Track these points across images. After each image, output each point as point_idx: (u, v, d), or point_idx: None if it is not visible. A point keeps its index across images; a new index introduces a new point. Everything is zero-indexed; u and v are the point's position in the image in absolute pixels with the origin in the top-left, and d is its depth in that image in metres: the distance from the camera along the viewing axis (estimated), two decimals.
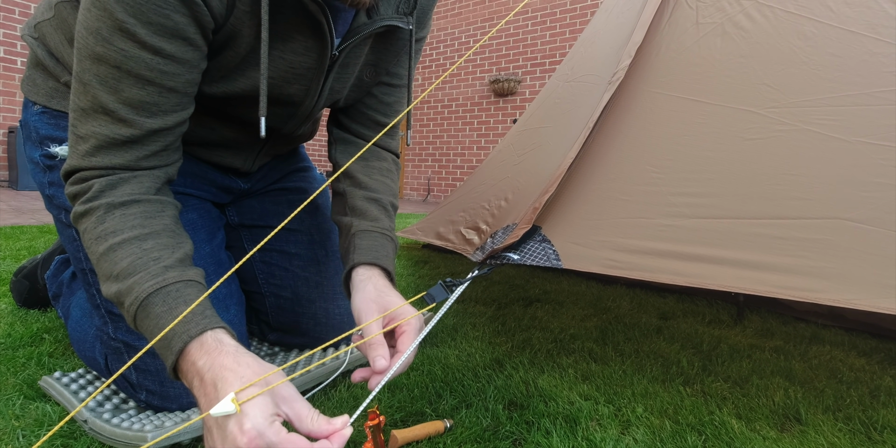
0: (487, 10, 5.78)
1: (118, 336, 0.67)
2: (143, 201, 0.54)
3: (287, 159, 0.96)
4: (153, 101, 0.53)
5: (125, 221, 0.52)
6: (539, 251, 0.76)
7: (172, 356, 0.46)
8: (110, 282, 0.51)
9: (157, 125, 0.54)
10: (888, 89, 0.67)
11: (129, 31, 0.49)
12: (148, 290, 0.48)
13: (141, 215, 0.53)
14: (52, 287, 0.98)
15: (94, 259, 0.52)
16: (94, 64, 0.50)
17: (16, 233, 2.04)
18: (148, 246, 0.51)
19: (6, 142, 4.33)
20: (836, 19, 0.74)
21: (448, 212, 1.52)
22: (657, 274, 0.69)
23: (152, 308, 0.48)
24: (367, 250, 0.66)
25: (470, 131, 5.92)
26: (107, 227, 0.51)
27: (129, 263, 0.50)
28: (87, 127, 0.52)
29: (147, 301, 0.48)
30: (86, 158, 0.53)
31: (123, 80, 0.51)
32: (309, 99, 0.70)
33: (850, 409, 0.78)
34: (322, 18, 0.59)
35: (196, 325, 0.47)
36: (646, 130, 0.82)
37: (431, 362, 0.89)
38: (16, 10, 4.33)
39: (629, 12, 1.05)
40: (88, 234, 0.52)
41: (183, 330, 0.46)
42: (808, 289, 0.61)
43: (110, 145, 0.53)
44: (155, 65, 0.51)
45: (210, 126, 0.72)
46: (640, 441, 0.66)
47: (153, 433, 0.58)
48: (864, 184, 0.64)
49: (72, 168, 0.54)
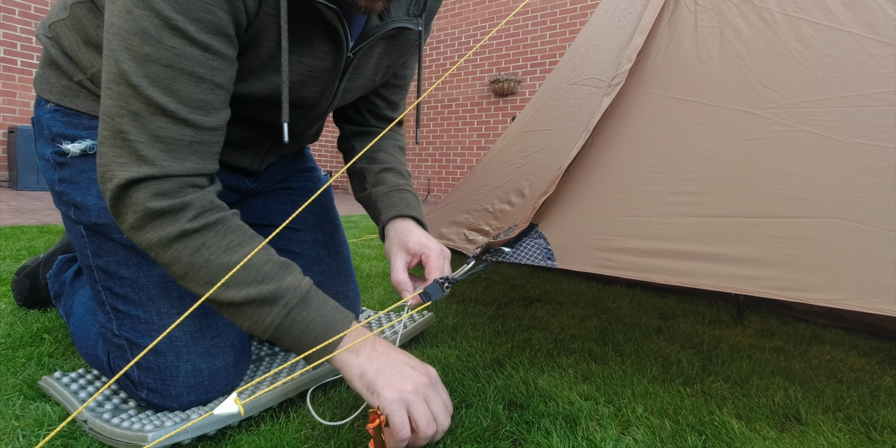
0: (487, 10, 5.79)
1: (122, 333, 0.67)
2: (235, 213, 0.60)
3: (293, 160, 0.97)
4: (207, 99, 0.53)
5: (244, 233, 0.58)
6: (534, 248, 0.77)
7: (335, 335, 0.57)
8: (254, 286, 0.56)
9: (213, 123, 0.55)
10: (886, 90, 0.68)
11: (178, 29, 0.49)
12: (306, 286, 0.58)
13: (245, 226, 0.59)
14: (53, 286, 0.98)
15: (220, 270, 0.55)
16: (143, 65, 0.50)
17: (16, 233, 2.04)
18: (272, 252, 0.59)
19: (6, 142, 4.33)
20: (834, 21, 0.75)
21: (450, 212, 1.52)
22: (651, 274, 0.70)
23: (311, 301, 0.58)
24: (387, 208, 0.75)
25: (470, 131, 5.92)
26: (232, 240, 0.56)
27: (271, 268, 0.57)
28: (147, 130, 0.51)
29: (307, 295, 0.58)
30: (158, 165, 0.51)
31: (178, 79, 0.51)
32: (324, 101, 0.72)
33: (850, 409, 0.79)
34: (338, 24, 0.61)
35: (346, 312, 0.60)
36: (644, 131, 0.83)
37: (431, 362, 0.89)
38: (16, 10, 4.33)
39: (630, 15, 1.05)
40: (213, 248, 0.55)
41: (342, 317, 0.59)
42: (802, 288, 0.61)
43: (179, 148, 0.53)
44: (205, 61, 0.52)
45: None
46: (640, 441, 0.67)
47: (153, 433, 0.58)
48: (860, 184, 0.64)
49: (149, 175, 0.52)
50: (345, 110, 0.89)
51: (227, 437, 0.64)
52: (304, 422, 0.67)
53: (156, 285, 0.67)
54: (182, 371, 0.65)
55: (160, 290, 0.67)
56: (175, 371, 0.65)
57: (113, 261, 0.67)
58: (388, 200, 0.77)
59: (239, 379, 0.72)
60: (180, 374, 0.65)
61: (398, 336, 0.84)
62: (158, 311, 0.67)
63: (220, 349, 0.68)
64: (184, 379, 0.65)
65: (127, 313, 0.67)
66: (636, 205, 0.77)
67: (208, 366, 0.67)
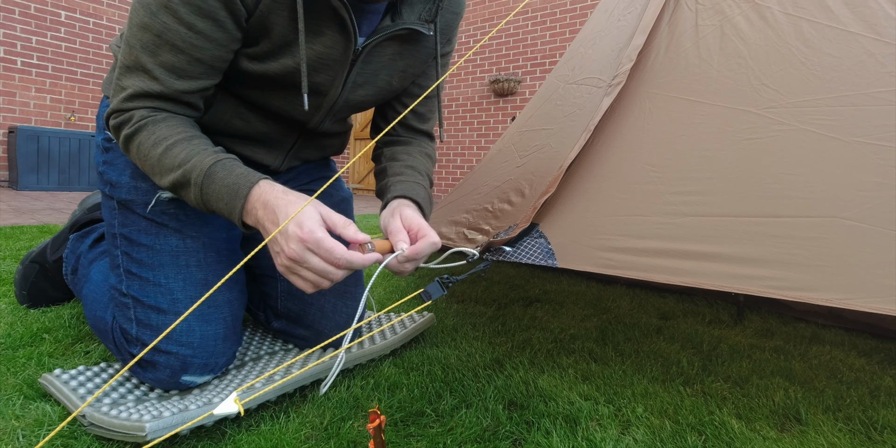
0: (487, 10, 5.78)
1: (129, 292, 0.74)
2: (180, 115, 0.68)
3: (317, 167, 1.01)
4: (182, 67, 0.65)
5: (172, 129, 0.65)
6: (535, 248, 0.77)
7: (241, 199, 0.61)
8: (173, 172, 0.63)
9: (183, 87, 0.66)
10: (886, 89, 0.67)
11: (171, 9, 0.61)
12: (209, 162, 0.63)
13: (183, 124, 0.67)
14: (70, 262, 1.03)
15: (154, 162, 0.65)
16: (140, 31, 0.63)
17: (16, 233, 2.04)
18: (196, 142, 0.65)
19: (6, 142, 4.33)
20: (834, 20, 0.74)
21: (451, 211, 1.52)
22: (651, 273, 0.69)
23: (216, 174, 0.62)
24: (395, 191, 0.77)
25: (470, 131, 5.92)
26: (159, 135, 0.64)
27: (187, 153, 0.63)
28: (128, 80, 0.65)
29: (211, 170, 0.62)
30: (124, 103, 0.66)
31: (161, 46, 0.63)
32: (334, 90, 0.77)
33: (850, 409, 0.78)
34: (345, 15, 0.67)
35: (253, 175, 0.62)
36: (644, 130, 0.82)
37: (431, 362, 0.89)
38: (16, 10, 4.34)
39: (630, 15, 1.05)
40: (144, 145, 0.65)
41: (244, 181, 0.61)
42: (803, 288, 0.61)
43: (144, 96, 0.65)
44: (187, 38, 0.63)
45: (245, 118, 0.79)
46: (640, 441, 0.66)
47: (152, 423, 0.57)
48: (861, 183, 0.64)
49: (113, 110, 0.67)
50: (379, 123, 0.93)
51: (227, 437, 0.64)
52: (304, 422, 0.67)
53: (168, 253, 0.76)
54: (177, 329, 0.71)
55: (171, 258, 0.76)
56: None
57: (135, 230, 0.77)
58: (398, 186, 0.79)
59: (223, 356, 0.75)
60: (175, 331, 0.71)
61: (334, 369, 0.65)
62: (166, 275, 0.75)
63: (213, 318, 0.75)
64: (176, 336, 0.71)
65: (138, 275, 0.75)
66: (637, 204, 0.77)
67: (200, 329, 0.73)
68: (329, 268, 0.57)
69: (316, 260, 0.56)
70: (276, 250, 0.60)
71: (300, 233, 0.56)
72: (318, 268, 0.57)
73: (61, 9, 4.58)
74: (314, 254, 0.56)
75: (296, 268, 0.58)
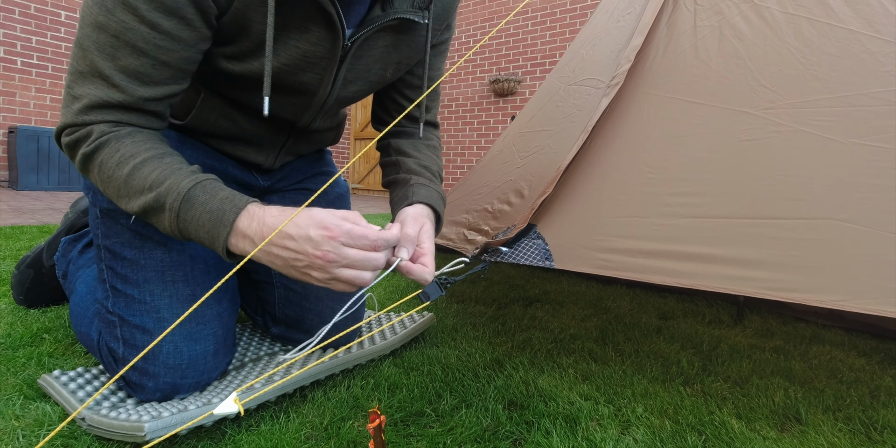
0: (487, 10, 5.78)
1: (115, 310, 0.71)
2: (145, 130, 0.61)
3: (312, 162, 0.98)
4: (146, 72, 0.57)
5: (139, 145, 0.58)
6: (533, 249, 0.77)
7: (227, 228, 0.55)
8: (143, 195, 0.57)
9: (147, 94, 0.59)
10: (885, 90, 0.67)
11: (130, 5, 0.53)
12: (187, 185, 0.56)
13: (151, 139, 0.60)
14: (61, 267, 1.01)
15: (119, 183, 0.58)
16: (95, 31, 0.55)
17: (16, 233, 2.04)
18: (168, 161, 0.58)
19: (6, 142, 4.33)
20: (834, 18, 0.74)
21: (450, 212, 1.52)
22: (649, 274, 0.70)
23: (196, 199, 0.56)
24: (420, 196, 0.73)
25: (470, 131, 5.92)
26: (125, 153, 0.57)
27: (159, 174, 0.57)
28: (83, 89, 0.57)
29: (189, 194, 0.56)
30: (80, 116, 0.58)
31: (121, 49, 0.55)
32: (322, 88, 0.72)
33: (850, 409, 0.79)
34: (331, 9, 0.62)
35: (240, 200, 0.56)
36: (642, 132, 0.82)
37: (431, 362, 0.89)
38: (16, 10, 4.34)
39: (629, 15, 1.05)
40: (107, 164, 0.58)
41: (229, 207, 0.55)
42: (800, 289, 0.61)
43: (102, 107, 0.58)
44: (151, 38, 0.56)
45: (232, 118, 0.75)
46: (640, 441, 0.67)
47: (150, 424, 0.57)
48: (858, 185, 0.64)
49: (66, 124, 0.59)
50: (379, 114, 0.90)
51: (226, 437, 0.64)
52: (304, 422, 0.67)
53: (153, 268, 0.71)
54: (164, 351, 0.68)
55: (156, 273, 0.71)
56: (157, 350, 0.68)
57: (119, 242, 0.72)
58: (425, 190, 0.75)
59: (217, 370, 0.73)
60: (161, 353, 0.68)
61: None
62: (151, 292, 0.70)
63: (202, 336, 0.71)
64: (164, 359, 0.68)
65: (123, 292, 0.70)
66: (634, 206, 0.77)
67: (189, 349, 0.69)
68: (369, 255, 0.54)
69: (354, 252, 0.53)
70: (302, 268, 0.55)
71: (327, 232, 0.53)
72: (358, 258, 0.54)
73: (61, 9, 4.58)
74: (350, 247, 0.53)
75: (335, 271, 0.54)
